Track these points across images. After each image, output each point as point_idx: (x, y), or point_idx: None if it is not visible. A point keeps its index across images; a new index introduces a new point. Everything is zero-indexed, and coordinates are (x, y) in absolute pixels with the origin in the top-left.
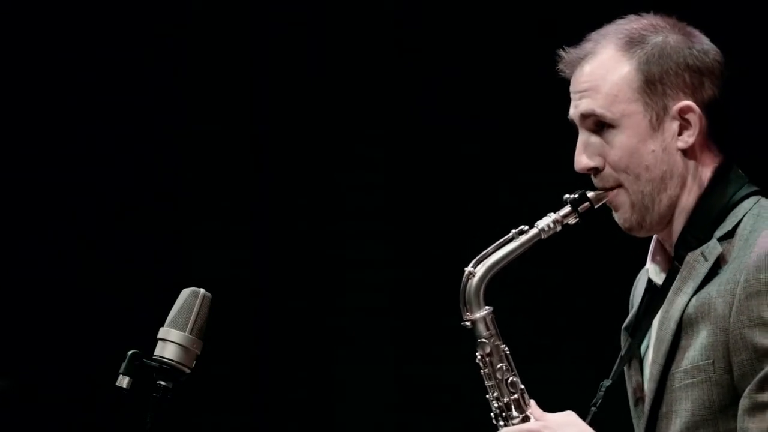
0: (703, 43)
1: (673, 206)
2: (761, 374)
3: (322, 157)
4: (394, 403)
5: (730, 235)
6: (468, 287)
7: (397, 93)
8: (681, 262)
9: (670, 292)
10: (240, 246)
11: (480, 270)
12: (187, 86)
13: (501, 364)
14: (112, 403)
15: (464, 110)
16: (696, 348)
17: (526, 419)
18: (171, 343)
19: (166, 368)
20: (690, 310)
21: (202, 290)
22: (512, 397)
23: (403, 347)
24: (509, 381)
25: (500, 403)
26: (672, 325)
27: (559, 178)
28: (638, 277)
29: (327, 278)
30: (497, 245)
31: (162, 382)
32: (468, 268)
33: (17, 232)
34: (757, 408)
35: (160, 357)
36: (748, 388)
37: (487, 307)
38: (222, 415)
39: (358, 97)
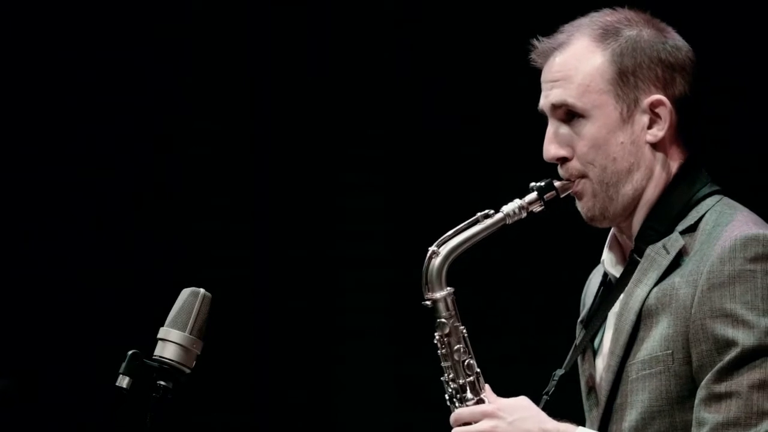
0: (676, 39)
1: (637, 198)
2: (719, 365)
3: (322, 157)
4: (394, 403)
5: (692, 229)
6: (430, 267)
7: (398, 93)
8: (640, 254)
9: (630, 284)
10: (240, 246)
11: (443, 250)
12: (188, 86)
13: (458, 346)
14: (112, 403)
15: (465, 111)
16: (655, 338)
17: (480, 402)
18: (171, 343)
19: (166, 368)
20: (650, 301)
21: (202, 290)
22: (468, 379)
23: (403, 347)
24: (466, 363)
25: (455, 385)
26: (631, 317)
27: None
28: (591, 275)
29: (327, 278)
30: (462, 227)
31: (162, 382)
32: (432, 248)
33: (17, 231)
34: (713, 398)
35: (160, 357)
36: (705, 378)
37: (448, 288)
38: (222, 415)
39: (359, 97)
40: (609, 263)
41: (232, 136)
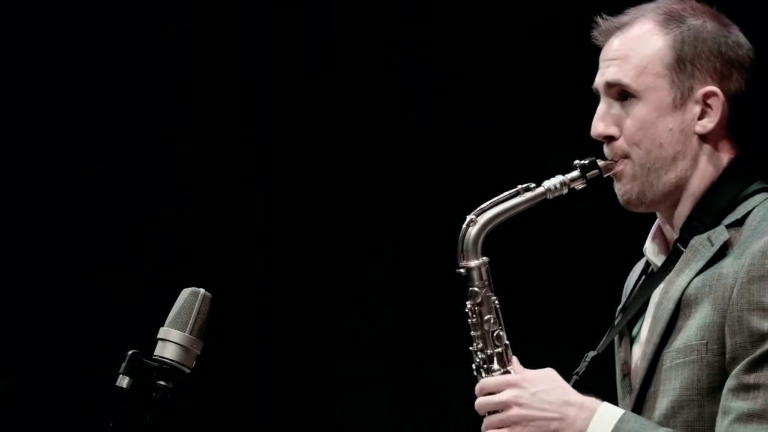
0: (739, 36)
1: (680, 188)
2: (751, 357)
3: (322, 157)
4: (394, 403)
5: (738, 223)
6: (467, 235)
7: (398, 93)
8: (684, 245)
9: (672, 273)
10: (240, 246)
11: (481, 219)
12: (188, 86)
13: (489, 316)
14: (112, 403)
15: (466, 111)
16: (691, 328)
17: (506, 373)
18: (171, 343)
19: (166, 368)
20: (690, 290)
21: (202, 290)
22: (496, 350)
23: (403, 347)
24: (495, 334)
25: (483, 355)
26: (670, 305)
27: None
28: (634, 267)
29: (327, 278)
30: (501, 198)
31: (162, 382)
32: (470, 216)
33: (17, 231)
34: (741, 389)
35: (160, 357)
36: (736, 368)
37: (483, 258)
38: (222, 415)
39: (359, 97)
40: (651, 252)
41: (232, 136)
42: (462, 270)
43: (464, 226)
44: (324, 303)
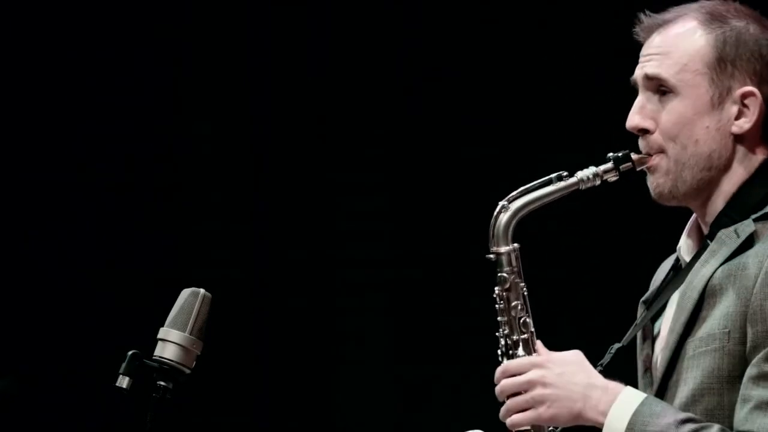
0: None
1: (712, 186)
2: None
3: (322, 157)
4: (394, 403)
5: (766, 217)
6: (499, 220)
7: (397, 92)
8: (713, 239)
9: (697, 264)
10: (240, 246)
11: (513, 206)
12: (187, 85)
13: (517, 302)
14: (112, 403)
15: (465, 110)
16: (715, 317)
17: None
18: (171, 343)
19: (165, 368)
20: (714, 281)
21: (202, 290)
22: (522, 336)
23: (403, 347)
24: (522, 320)
25: (509, 341)
26: (695, 295)
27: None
28: (664, 262)
29: (327, 278)
30: (534, 185)
31: (162, 383)
32: (502, 202)
33: (17, 231)
34: (762, 377)
35: (160, 357)
36: (756, 357)
37: (514, 244)
38: (222, 416)
39: (359, 96)
40: (685, 250)
41: (232, 136)
42: (492, 255)
43: (496, 212)
44: (324, 303)
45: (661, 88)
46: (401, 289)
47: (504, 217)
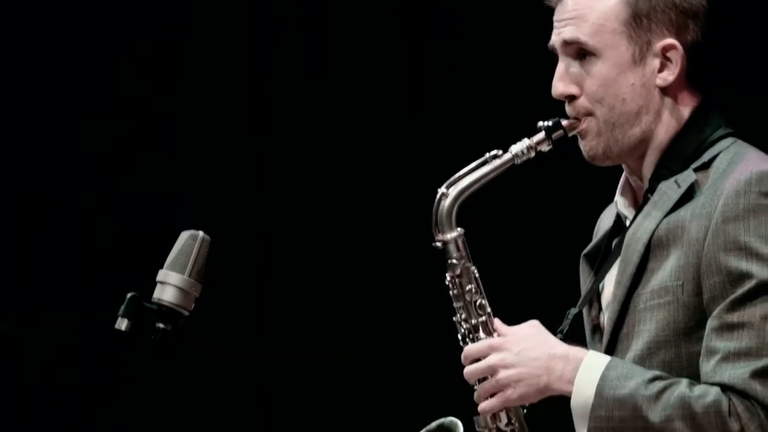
0: None
1: (646, 141)
2: (733, 296)
3: (323, 157)
4: (394, 403)
5: (705, 166)
6: (440, 208)
7: (398, 92)
8: (653, 192)
9: (639, 217)
10: (240, 245)
11: (453, 192)
12: (188, 85)
13: (470, 286)
14: (110, 345)
15: (465, 109)
16: (665, 269)
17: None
18: (170, 285)
19: (164, 311)
20: (660, 232)
21: (201, 233)
22: (480, 319)
23: (404, 342)
24: (478, 303)
25: (468, 325)
26: (639, 247)
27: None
28: (602, 214)
29: (327, 277)
30: (471, 168)
31: (161, 325)
32: (441, 189)
33: (17, 232)
34: (725, 328)
35: (159, 300)
36: (717, 308)
37: (458, 229)
38: (223, 415)
39: (359, 96)
40: (622, 204)
41: (232, 136)
42: (438, 244)
43: (436, 199)
44: (324, 302)
45: (581, 52)
46: (401, 287)
47: (445, 204)
